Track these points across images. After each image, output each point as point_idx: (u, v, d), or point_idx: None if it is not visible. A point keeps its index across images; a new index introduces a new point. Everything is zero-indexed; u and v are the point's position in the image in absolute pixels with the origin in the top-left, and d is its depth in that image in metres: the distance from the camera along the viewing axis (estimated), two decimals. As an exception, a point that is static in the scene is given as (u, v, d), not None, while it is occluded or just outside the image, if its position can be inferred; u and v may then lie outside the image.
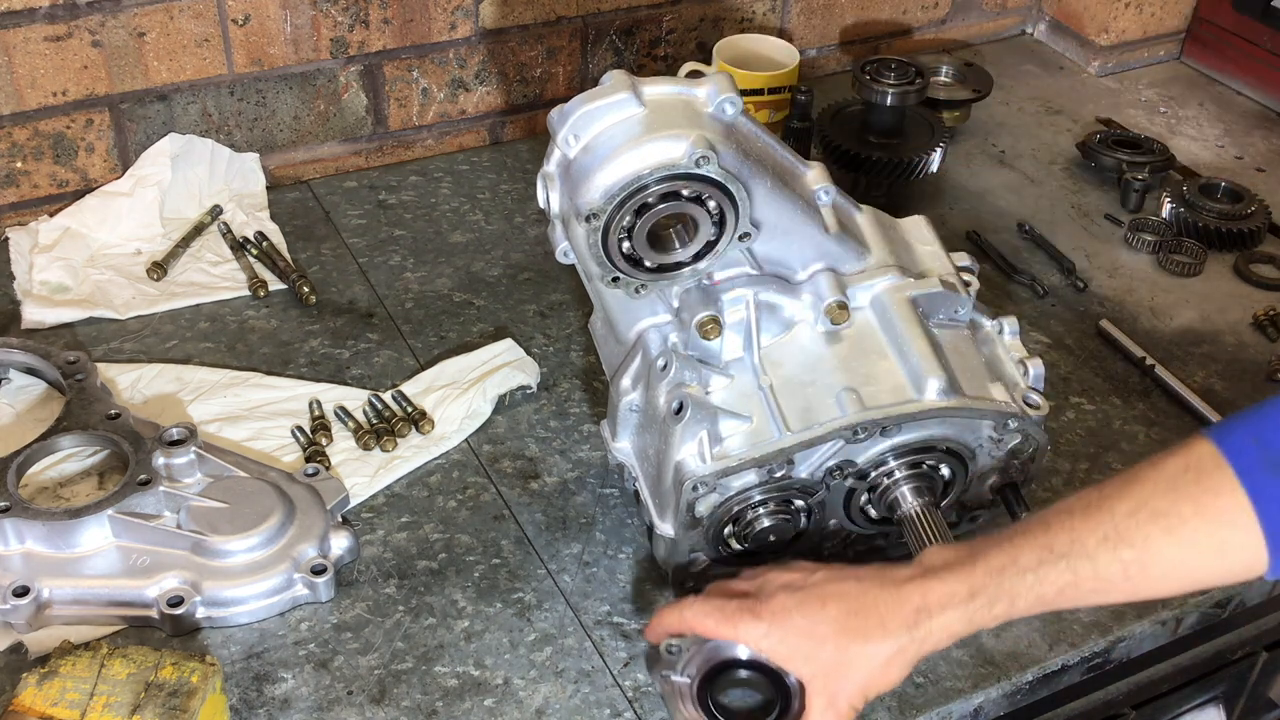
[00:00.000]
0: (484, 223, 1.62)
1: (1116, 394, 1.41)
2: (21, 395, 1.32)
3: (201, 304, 1.46)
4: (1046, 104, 1.95)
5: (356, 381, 1.37)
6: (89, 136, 1.54)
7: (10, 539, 1.11)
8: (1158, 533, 0.89)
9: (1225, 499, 0.87)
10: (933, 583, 0.94)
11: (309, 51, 1.61)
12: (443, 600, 1.15)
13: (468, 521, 1.22)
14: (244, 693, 1.06)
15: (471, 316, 1.47)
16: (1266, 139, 1.89)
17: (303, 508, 1.17)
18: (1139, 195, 1.71)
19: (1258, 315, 1.53)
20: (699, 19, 1.84)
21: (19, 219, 1.55)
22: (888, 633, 0.94)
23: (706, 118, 1.02)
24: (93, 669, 0.95)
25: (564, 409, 1.35)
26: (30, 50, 1.46)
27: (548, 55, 1.76)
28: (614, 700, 1.07)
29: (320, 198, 1.65)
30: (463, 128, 1.77)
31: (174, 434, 1.18)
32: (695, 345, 1.08)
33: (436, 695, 1.07)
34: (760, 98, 1.67)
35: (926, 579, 0.95)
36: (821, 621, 0.96)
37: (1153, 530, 0.89)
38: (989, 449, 1.11)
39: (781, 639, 0.97)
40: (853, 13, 1.97)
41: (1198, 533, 0.88)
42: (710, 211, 1.02)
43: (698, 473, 1.03)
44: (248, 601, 1.11)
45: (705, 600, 1.02)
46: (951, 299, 1.12)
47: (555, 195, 1.06)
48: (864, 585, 0.96)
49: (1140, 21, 2.03)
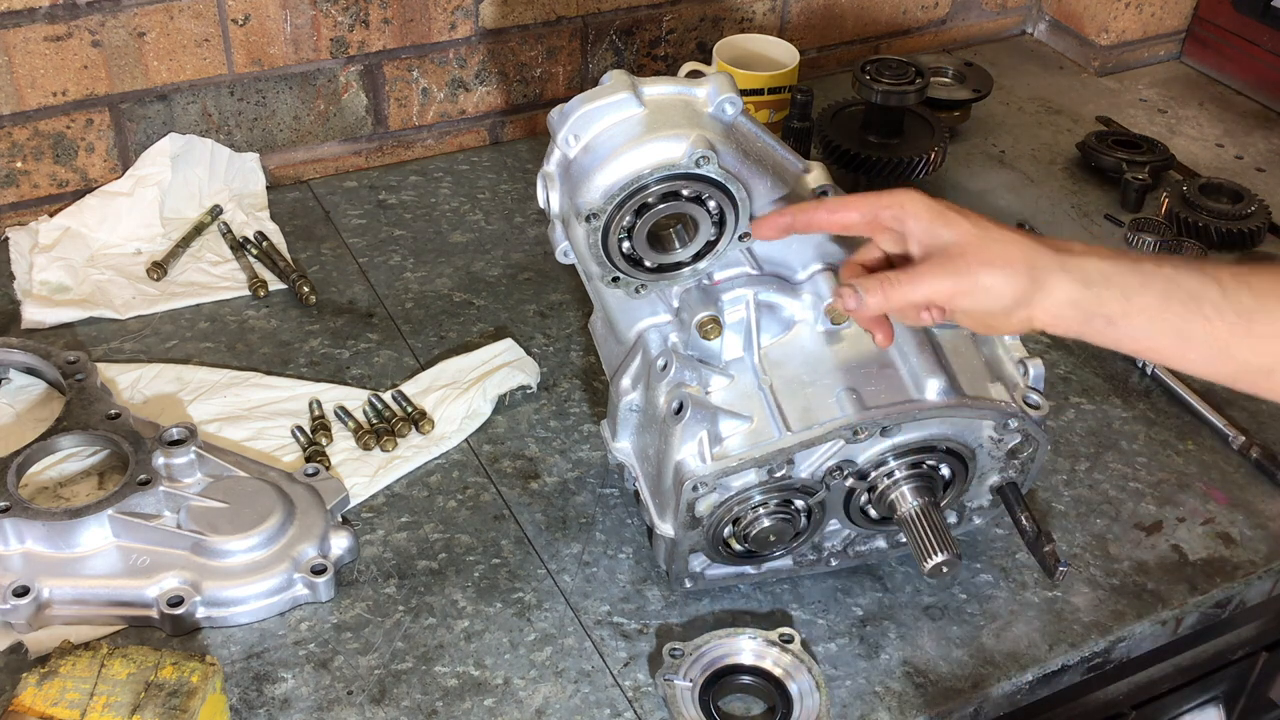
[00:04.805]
0: (484, 223, 1.62)
1: (1116, 394, 1.41)
2: (21, 395, 1.32)
3: (201, 304, 1.46)
4: (1046, 104, 1.95)
5: (356, 381, 1.37)
6: (89, 136, 1.54)
7: (10, 539, 1.11)
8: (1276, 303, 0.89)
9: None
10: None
11: (309, 51, 1.61)
12: (443, 600, 1.15)
13: (468, 521, 1.22)
14: (244, 693, 1.06)
15: (471, 316, 1.47)
16: (1266, 139, 1.89)
17: (303, 508, 1.17)
18: (1139, 195, 1.71)
19: (1258, 315, 1.53)
20: (699, 19, 1.84)
21: (19, 219, 1.55)
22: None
23: (706, 118, 1.02)
24: (93, 669, 0.95)
25: (564, 409, 1.35)
26: (30, 50, 1.46)
27: (548, 55, 1.76)
28: (614, 700, 1.07)
29: (320, 198, 1.65)
30: (463, 128, 1.77)
31: (174, 434, 1.18)
32: (695, 345, 1.08)
33: (436, 695, 1.07)
34: (760, 98, 1.67)
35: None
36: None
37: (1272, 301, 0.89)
38: (989, 449, 1.11)
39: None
40: (853, 13, 1.97)
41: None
42: (710, 211, 1.02)
43: (698, 473, 1.03)
44: (248, 601, 1.11)
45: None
46: (951, 299, 1.12)
47: (555, 195, 1.06)
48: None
49: (1140, 21, 2.03)
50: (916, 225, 0.96)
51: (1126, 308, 0.91)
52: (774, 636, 1.09)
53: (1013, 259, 0.92)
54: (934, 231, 0.95)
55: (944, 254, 0.94)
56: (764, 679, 1.07)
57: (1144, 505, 1.28)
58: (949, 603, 1.16)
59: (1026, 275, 0.92)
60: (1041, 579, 1.19)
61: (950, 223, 0.95)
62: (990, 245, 0.93)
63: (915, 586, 1.18)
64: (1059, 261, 0.92)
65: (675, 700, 1.04)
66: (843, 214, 0.99)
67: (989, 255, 0.93)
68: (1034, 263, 0.92)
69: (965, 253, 0.93)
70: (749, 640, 1.09)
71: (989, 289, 0.93)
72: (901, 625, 1.14)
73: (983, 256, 0.93)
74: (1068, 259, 0.92)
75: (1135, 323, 0.91)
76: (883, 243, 1.00)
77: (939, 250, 0.94)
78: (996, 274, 0.92)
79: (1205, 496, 1.29)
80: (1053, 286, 0.92)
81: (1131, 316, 0.91)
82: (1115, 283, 0.91)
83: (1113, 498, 1.29)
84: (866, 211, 0.98)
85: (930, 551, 1.06)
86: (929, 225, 0.95)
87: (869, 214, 0.98)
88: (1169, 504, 1.28)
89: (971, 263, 0.93)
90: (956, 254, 0.93)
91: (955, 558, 1.05)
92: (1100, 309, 0.92)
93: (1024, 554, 1.20)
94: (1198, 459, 1.34)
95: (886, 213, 0.97)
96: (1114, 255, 0.93)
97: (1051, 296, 0.92)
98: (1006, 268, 0.92)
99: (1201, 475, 1.32)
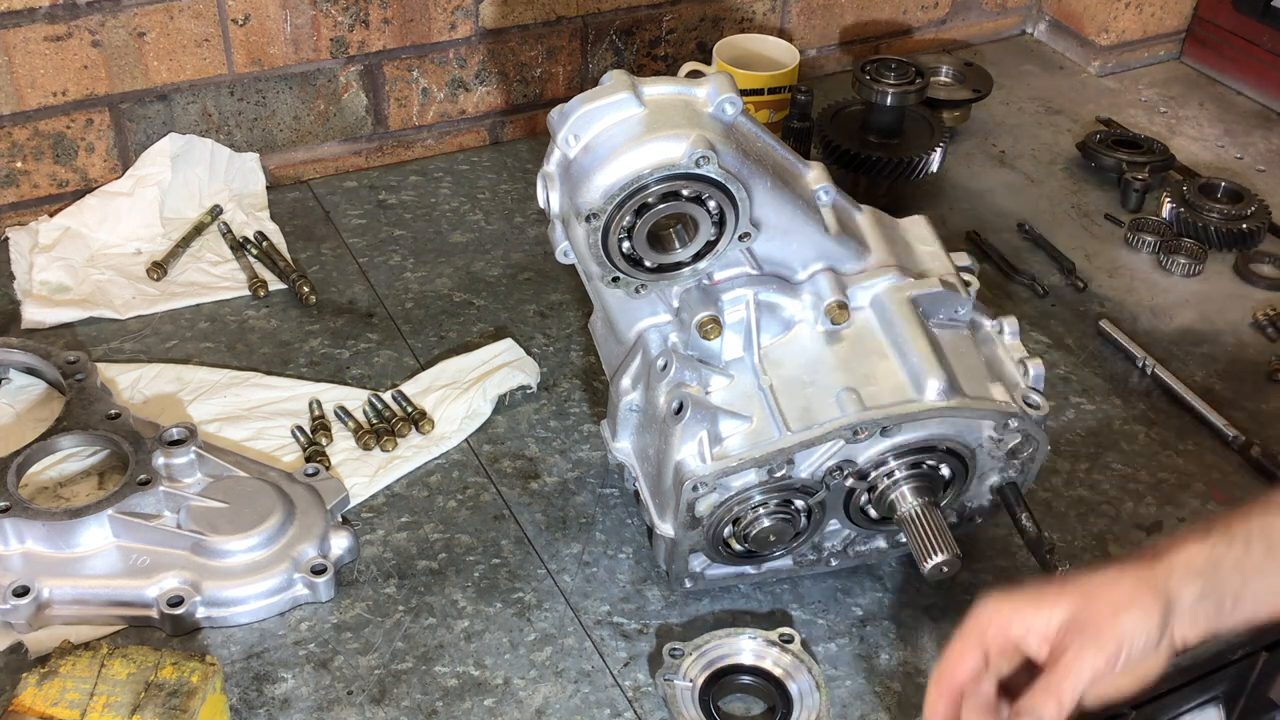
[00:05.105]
0: (484, 223, 1.62)
1: (1116, 394, 1.41)
2: (21, 395, 1.31)
3: (201, 304, 1.46)
4: (1046, 104, 1.95)
5: (356, 381, 1.37)
6: (89, 136, 1.54)
7: (10, 539, 1.11)
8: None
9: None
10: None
11: (309, 51, 1.61)
12: (443, 600, 1.15)
13: (468, 521, 1.22)
14: (244, 693, 1.06)
15: (471, 316, 1.47)
16: (1266, 139, 1.89)
17: (303, 508, 1.17)
18: (1139, 195, 1.71)
19: (1258, 315, 1.53)
20: (699, 19, 1.84)
21: (19, 219, 1.55)
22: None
23: (706, 118, 1.02)
24: (93, 669, 0.95)
25: (564, 409, 1.35)
26: (30, 50, 1.46)
27: (548, 55, 1.76)
28: (614, 700, 1.07)
29: (320, 198, 1.65)
30: (463, 128, 1.77)
31: (174, 434, 1.18)
32: (695, 345, 1.07)
33: (436, 695, 1.07)
34: (760, 98, 1.67)
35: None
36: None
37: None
38: (989, 449, 1.11)
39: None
40: (853, 13, 1.97)
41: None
42: (710, 211, 1.02)
43: (698, 473, 1.03)
44: (248, 601, 1.11)
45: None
46: (951, 299, 1.12)
47: (555, 195, 1.06)
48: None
49: (1140, 21, 2.03)
50: (1020, 626, 0.90)
51: (1244, 575, 0.88)
52: (774, 636, 1.09)
53: (1128, 590, 0.88)
54: (1043, 620, 0.89)
55: (1074, 631, 0.88)
56: (764, 679, 1.07)
57: (1144, 505, 1.28)
58: (949, 603, 1.16)
59: (1151, 596, 0.88)
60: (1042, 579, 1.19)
61: (1047, 602, 0.90)
62: (1100, 594, 0.89)
63: (915, 586, 1.18)
64: (1164, 567, 0.89)
65: (675, 700, 1.04)
66: (963, 665, 0.91)
67: (1110, 602, 0.88)
68: (1146, 582, 0.88)
69: (1089, 617, 0.88)
70: (749, 640, 1.09)
71: (1132, 634, 0.87)
72: (901, 625, 1.14)
73: (1106, 610, 0.88)
74: (1167, 560, 0.89)
75: (1257, 586, 0.88)
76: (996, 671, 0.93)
77: (1063, 631, 0.89)
78: (1130, 614, 0.87)
79: (1205, 496, 1.29)
80: (1177, 594, 0.88)
81: (1250, 582, 0.88)
82: (1221, 559, 0.89)
83: (1113, 498, 1.29)
84: (975, 652, 0.91)
85: (930, 551, 1.06)
86: (1031, 619, 0.90)
87: (978, 652, 0.91)
88: (1169, 504, 1.28)
89: (1102, 621, 0.87)
90: (1084, 621, 0.88)
91: (955, 558, 1.05)
92: (1223, 589, 0.88)
93: (1024, 554, 1.20)
94: (1198, 459, 1.34)
95: (992, 640, 0.91)
96: (1199, 535, 0.90)
97: (1182, 602, 0.88)
98: (1132, 603, 0.88)
99: (1201, 475, 1.32)
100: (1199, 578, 0.89)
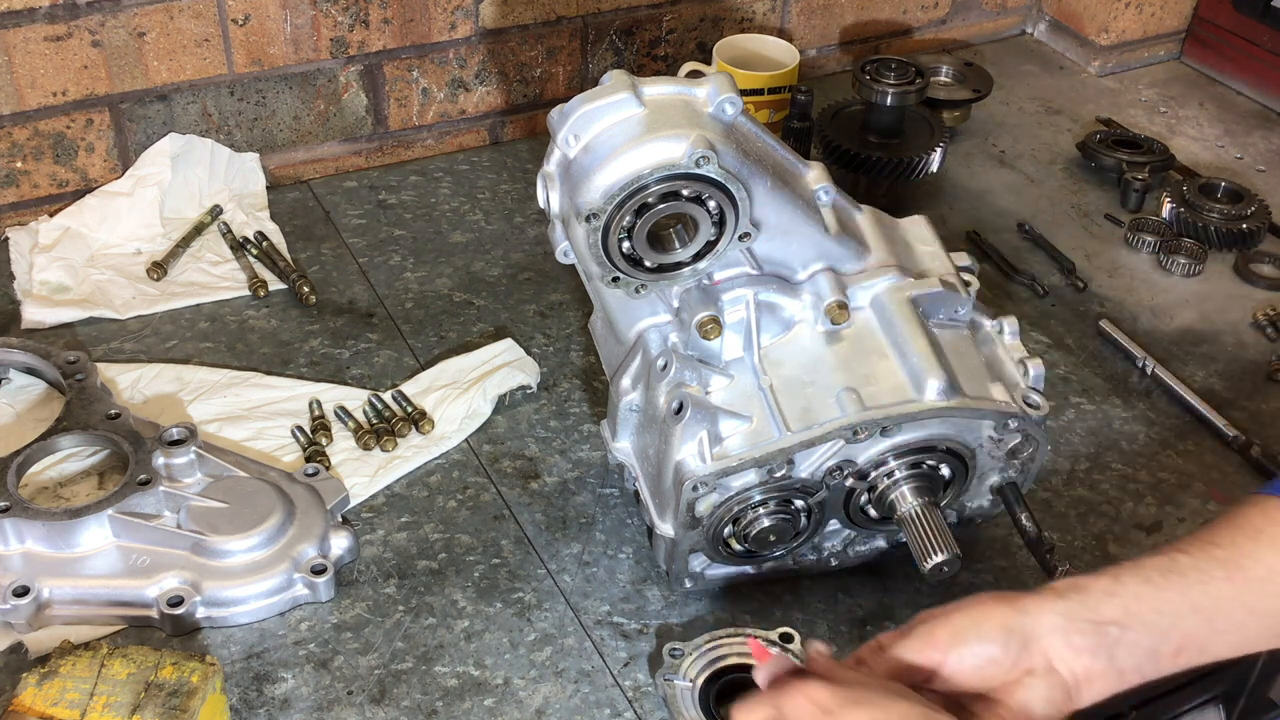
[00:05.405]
0: (484, 223, 1.62)
1: (1116, 394, 1.41)
2: (21, 395, 1.32)
3: (201, 304, 1.46)
4: (1046, 104, 1.95)
5: (356, 381, 1.37)
6: (89, 136, 1.54)
7: (10, 539, 1.11)
8: (1248, 543, 0.86)
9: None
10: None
11: (309, 51, 1.61)
12: (443, 600, 1.15)
13: (468, 521, 1.22)
14: (244, 693, 1.06)
15: (471, 316, 1.47)
16: (1266, 139, 1.89)
17: (303, 508, 1.17)
18: (1139, 195, 1.71)
19: (1258, 315, 1.53)
20: (699, 19, 1.84)
21: (19, 219, 1.55)
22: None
23: (706, 118, 1.01)
24: (93, 669, 0.95)
25: (564, 409, 1.35)
26: (30, 50, 1.46)
27: (548, 55, 1.76)
28: (614, 700, 1.07)
29: (320, 198, 1.65)
30: (463, 128, 1.77)
31: (174, 434, 1.18)
32: (695, 345, 1.07)
33: (436, 695, 1.07)
34: (760, 98, 1.67)
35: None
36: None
37: (1241, 540, 0.86)
38: (989, 449, 1.11)
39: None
40: (853, 13, 1.97)
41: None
42: (710, 211, 1.02)
43: (698, 473, 1.03)
44: (248, 601, 1.11)
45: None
46: (951, 299, 1.12)
47: (555, 195, 1.06)
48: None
49: (1140, 21, 2.03)
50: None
51: (1123, 602, 0.85)
52: (774, 636, 1.09)
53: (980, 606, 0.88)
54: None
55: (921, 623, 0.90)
56: None
57: (1144, 505, 1.28)
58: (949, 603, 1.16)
59: (994, 601, 0.87)
60: (1041, 579, 1.19)
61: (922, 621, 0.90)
62: (955, 611, 0.88)
63: (915, 586, 1.18)
64: (1025, 594, 0.87)
65: (675, 700, 1.04)
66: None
67: (963, 616, 0.88)
68: (1000, 598, 0.88)
69: (934, 616, 0.89)
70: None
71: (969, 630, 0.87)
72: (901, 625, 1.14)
73: (951, 620, 0.88)
74: (1036, 593, 0.87)
75: (1143, 611, 0.85)
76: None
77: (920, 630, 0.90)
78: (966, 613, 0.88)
79: (1205, 496, 1.29)
80: (1035, 609, 0.86)
81: (1132, 608, 0.85)
82: (1091, 583, 0.87)
83: (1113, 498, 1.29)
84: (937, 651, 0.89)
85: (930, 551, 1.06)
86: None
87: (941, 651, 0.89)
88: (1169, 504, 1.28)
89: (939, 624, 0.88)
90: (930, 618, 0.89)
91: (955, 558, 1.05)
92: (1098, 613, 0.85)
93: (1024, 554, 1.20)
94: (1198, 459, 1.34)
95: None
96: (1071, 581, 0.88)
97: (1042, 621, 0.85)
98: (974, 608, 0.88)
99: (1201, 475, 1.32)
100: (1058, 597, 0.86)
